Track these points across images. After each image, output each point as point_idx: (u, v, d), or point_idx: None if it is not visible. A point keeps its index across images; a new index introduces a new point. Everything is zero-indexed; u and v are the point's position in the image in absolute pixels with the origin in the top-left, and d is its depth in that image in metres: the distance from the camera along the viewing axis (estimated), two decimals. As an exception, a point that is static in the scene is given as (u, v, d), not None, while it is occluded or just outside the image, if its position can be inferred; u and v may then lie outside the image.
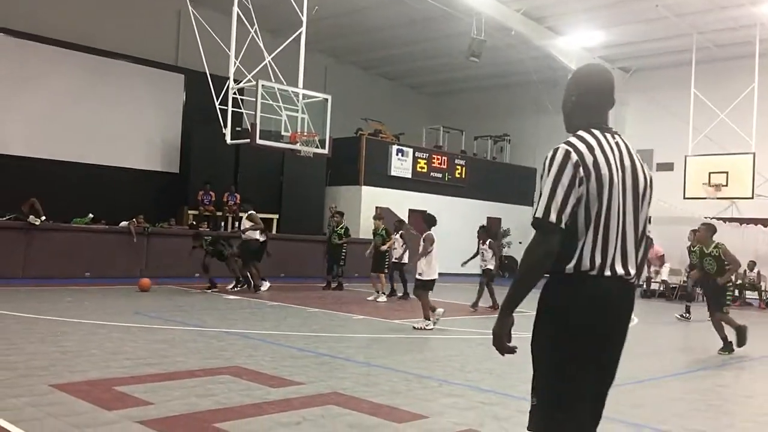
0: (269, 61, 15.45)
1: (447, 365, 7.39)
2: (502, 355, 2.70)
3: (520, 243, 25.63)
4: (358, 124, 23.70)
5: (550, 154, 2.67)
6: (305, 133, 14.88)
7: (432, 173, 23.78)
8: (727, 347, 9.24)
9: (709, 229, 9.54)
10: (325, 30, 20.51)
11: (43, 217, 14.69)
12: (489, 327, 2.83)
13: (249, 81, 15.16)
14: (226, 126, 15.34)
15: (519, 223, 25.85)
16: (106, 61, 19.09)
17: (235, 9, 15.02)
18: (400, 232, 14.65)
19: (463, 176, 24.76)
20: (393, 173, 22.57)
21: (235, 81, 15.29)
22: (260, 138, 14.78)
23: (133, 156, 19.52)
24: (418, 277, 10.27)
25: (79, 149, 18.36)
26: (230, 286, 14.20)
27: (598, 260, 2.60)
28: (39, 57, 17.90)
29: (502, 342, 2.65)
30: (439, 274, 10.64)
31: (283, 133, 15.35)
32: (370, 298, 14.02)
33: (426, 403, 5.59)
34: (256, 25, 15.47)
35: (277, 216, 20.30)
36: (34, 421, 4.36)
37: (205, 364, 6.67)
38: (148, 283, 13.15)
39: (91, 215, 16.53)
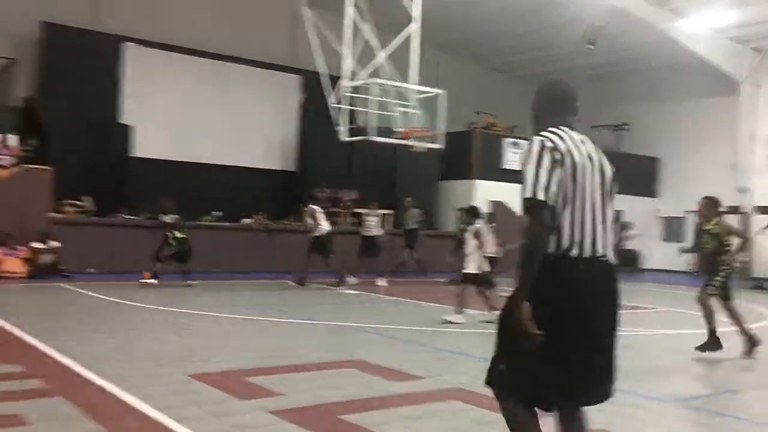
0: (383, 59, 15.66)
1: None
2: (534, 344, 2.72)
3: (643, 236, 24.64)
4: (471, 117, 23.52)
5: (526, 148, 2.92)
6: (419, 129, 14.96)
7: (548, 165, 23.22)
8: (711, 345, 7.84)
9: (711, 203, 8.43)
10: (437, 24, 20.47)
11: (175, 216, 15.55)
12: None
13: (363, 79, 15.43)
14: (340, 124, 15.70)
15: (642, 216, 24.85)
16: (226, 66, 19.94)
17: (350, 8, 15.28)
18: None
19: (580, 168, 24.01)
20: (506, 166, 22.22)
21: (350, 79, 15.61)
22: (374, 135, 15.03)
23: (254, 155, 20.29)
24: (465, 272, 9.82)
25: (206, 151, 19.30)
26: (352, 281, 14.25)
27: (576, 240, 2.83)
28: (166, 64, 18.96)
29: (527, 331, 2.72)
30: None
31: (396, 129, 15.53)
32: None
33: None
34: (369, 23, 15.73)
35: (392, 211, 20.53)
36: (176, 409, 4.64)
37: (329, 357, 6.86)
38: None
39: (217, 213, 17.37)
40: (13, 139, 14.50)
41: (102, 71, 17.66)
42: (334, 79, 15.64)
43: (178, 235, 13.17)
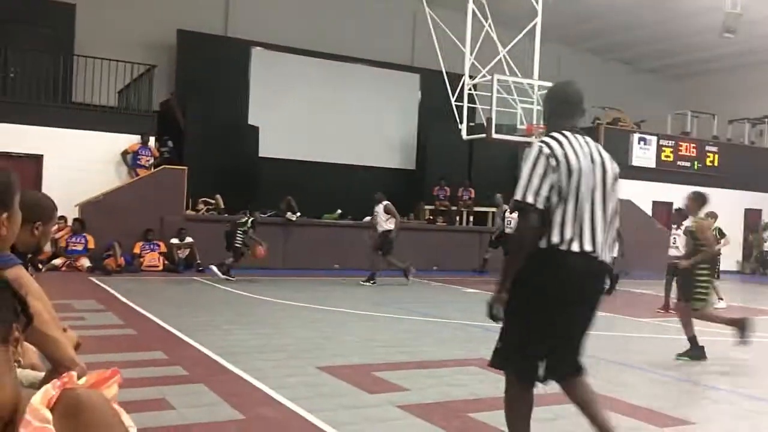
0: (503, 55, 15.44)
1: (707, 368, 6.80)
2: (494, 321, 3.25)
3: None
4: (595, 113, 22.68)
5: (527, 151, 3.25)
6: (542, 125, 14.60)
7: (679, 162, 22.06)
8: (693, 352, 7.01)
9: (697, 199, 7.24)
10: (559, 18, 19.93)
11: (298, 213, 16.07)
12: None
13: (484, 76, 15.26)
14: (461, 122, 15.60)
15: (783, 214, 23.18)
16: (348, 66, 20.35)
17: (471, 5, 15.18)
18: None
19: (716, 164, 22.64)
20: (634, 163, 21.30)
21: (470, 77, 15.48)
22: (495, 132, 14.83)
23: (374, 154, 20.57)
24: None
25: (327, 150, 19.78)
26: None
27: (567, 235, 3.09)
28: (291, 67, 19.59)
29: (493, 311, 3.21)
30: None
31: (518, 126, 15.25)
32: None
33: (688, 408, 5.20)
34: (490, 20, 15.54)
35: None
36: (308, 400, 4.76)
37: (453, 354, 6.82)
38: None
39: (339, 211, 17.76)
40: (152, 141, 15.46)
41: (233, 75, 18.51)
42: (453, 77, 15.58)
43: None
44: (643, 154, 21.47)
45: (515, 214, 12.02)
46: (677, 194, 21.66)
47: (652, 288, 14.75)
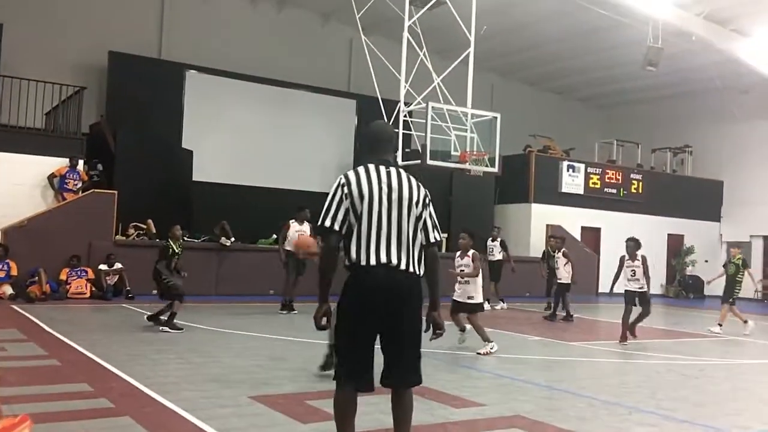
0: (438, 83, 15.72)
1: (635, 391, 7.02)
2: (317, 329, 3.70)
3: (707, 261, 23.88)
4: (527, 140, 23.35)
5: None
6: (475, 152, 14.91)
7: (606, 189, 22.86)
8: None
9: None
10: (492, 48, 20.50)
11: (233, 239, 15.85)
12: (681, 351, 2.66)
13: (419, 103, 15.49)
14: (397, 148, 15.74)
15: (705, 240, 24.21)
16: (285, 92, 20.36)
17: (405, 34, 15.44)
18: (562, 251, 13.89)
19: (640, 191, 23.55)
20: (564, 190, 21.97)
21: (405, 104, 15.68)
22: (430, 158, 15.01)
23: (310, 179, 20.53)
24: (469, 301, 9.11)
25: (263, 174, 19.65)
26: None
27: (362, 253, 3.59)
28: (227, 91, 19.46)
29: (316, 321, 3.67)
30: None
31: (452, 153, 15.49)
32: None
33: (616, 431, 5.34)
34: (425, 48, 15.82)
35: (446, 235, 20.43)
36: (239, 431, 4.67)
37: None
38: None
39: (274, 236, 17.57)
40: (81, 165, 15.05)
41: (166, 98, 18.25)
42: (389, 104, 15.77)
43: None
44: (572, 181, 22.14)
45: (497, 242, 14.36)
46: (604, 220, 22.53)
47: (585, 312, 15.15)
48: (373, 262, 3.56)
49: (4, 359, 6.50)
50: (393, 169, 3.76)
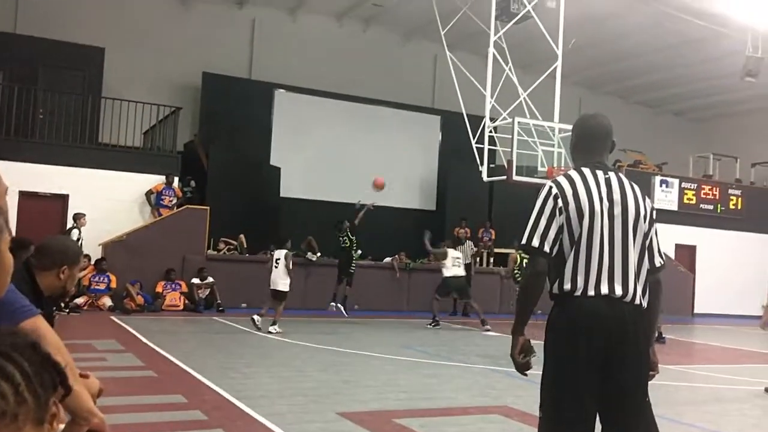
0: (524, 98, 15.51)
1: (738, 419, 6.63)
2: (521, 373, 2.96)
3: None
4: (617, 155, 22.64)
5: (539, 190, 3.00)
6: (562, 168, 14.58)
7: (702, 205, 21.89)
8: None
9: None
10: (580, 61, 20.08)
11: (318, 254, 16.08)
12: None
13: (504, 119, 15.33)
14: (482, 164, 15.62)
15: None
16: (369, 108, 20.57)
17: (491, 49, 15.33)
18: None
19: (740, 207, 22.41)
20: (656, 206, 21.05)
21: (491, 119, 15.55)
22: (516, 174, 14.81)
23: (395, 195, 20.59)
24: None
25: (348, 190, 19.86)
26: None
27: (579, 281, 2.84)
28: (313, 108, 19.84)
29: (515, 360, 2.93)
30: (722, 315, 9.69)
31: (539, 168, 15.23)
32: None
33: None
34: (510, 63, 15.66)
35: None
36: (327, 447, 4.70)
37: (475, 401, 6.72)
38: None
39: (359, 251, 17.73)
40: (176, 182, 15.66)
41: (256, 116, 18.79)
42: (474, 119, 15.67)
43: None
44: (665, 197, 21.33)
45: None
46: (700, 237, 21.55)
47: (680, 333, 14.51)
48: (591, 291, 2.82)
49: (105, 369, 6.79)
50: (613, 175, 3.02)
